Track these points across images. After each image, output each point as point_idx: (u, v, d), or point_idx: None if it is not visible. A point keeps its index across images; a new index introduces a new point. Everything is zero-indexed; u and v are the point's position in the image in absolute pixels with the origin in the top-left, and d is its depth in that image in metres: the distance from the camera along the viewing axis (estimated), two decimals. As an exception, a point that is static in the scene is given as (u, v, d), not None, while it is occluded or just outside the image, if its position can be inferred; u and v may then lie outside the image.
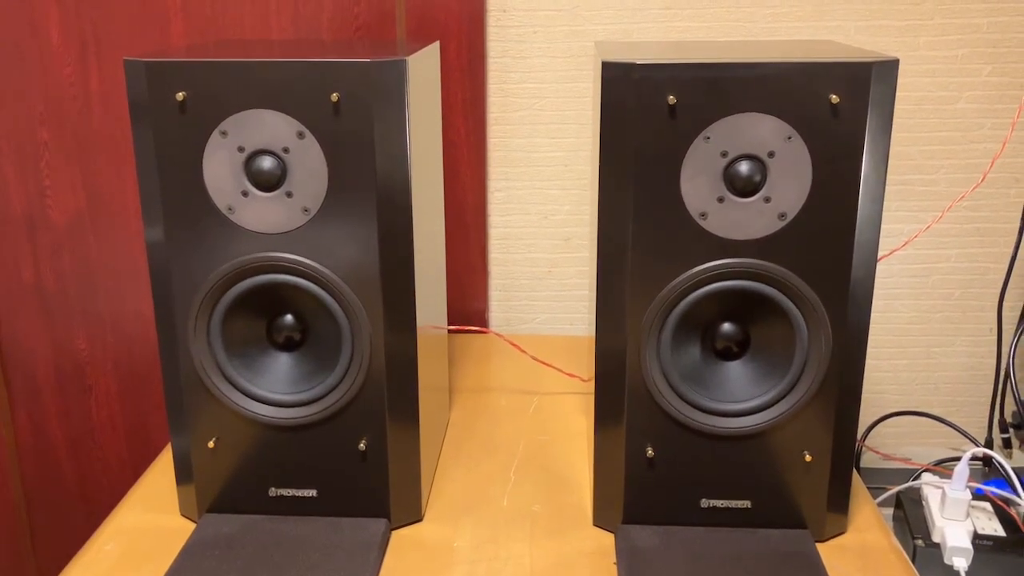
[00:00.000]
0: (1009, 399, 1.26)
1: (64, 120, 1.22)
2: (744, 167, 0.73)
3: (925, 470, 1.17)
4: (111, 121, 1.22)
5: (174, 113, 0.74)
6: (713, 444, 0.80)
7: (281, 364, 0.82)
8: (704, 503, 0.82)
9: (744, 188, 0.73)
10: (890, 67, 0.71)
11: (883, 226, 0.76)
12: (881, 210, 0.74)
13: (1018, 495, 1.02)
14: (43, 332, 1.31)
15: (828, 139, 0.72)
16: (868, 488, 0.91)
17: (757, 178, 0.73)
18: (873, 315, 0.78)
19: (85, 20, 1.18)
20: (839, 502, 0.82)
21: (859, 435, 1.26)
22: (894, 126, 0.73)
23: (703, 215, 0.74)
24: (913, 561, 1.01)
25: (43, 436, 1.35)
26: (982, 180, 1.20)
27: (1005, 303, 1.22)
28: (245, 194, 0.76)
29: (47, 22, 1.18)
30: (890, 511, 1.12)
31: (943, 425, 1.26)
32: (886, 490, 1.11)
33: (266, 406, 0.81)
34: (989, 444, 1.27)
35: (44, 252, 1.27)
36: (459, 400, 1.10)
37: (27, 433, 1.35)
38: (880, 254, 0.76)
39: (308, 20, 1.18)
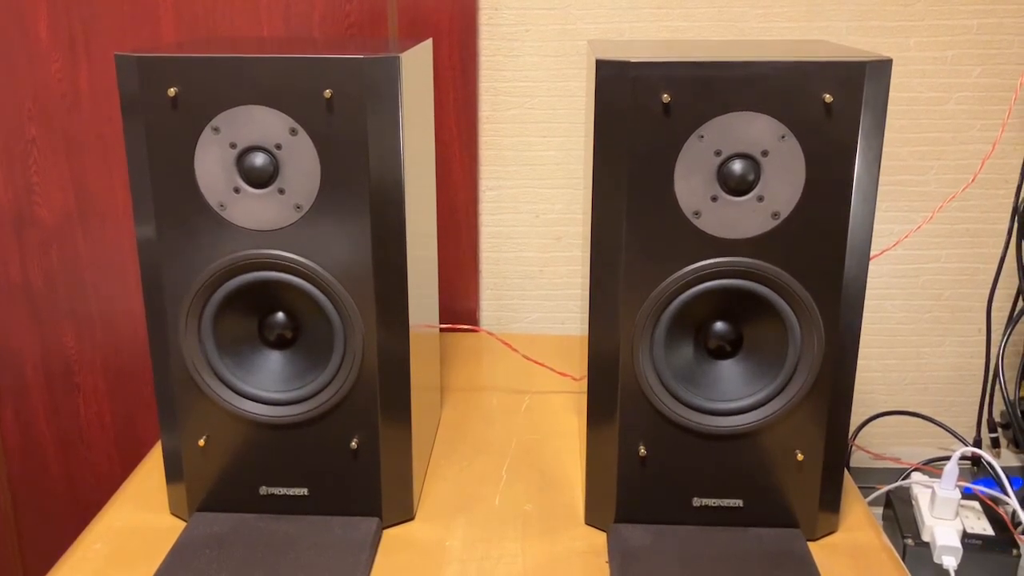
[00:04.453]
0: (998, 399, 1.27)
1: (52, 117, 1.21)
2: (738, 166, 0.73)
3: (914, 469, 1.17)
4: (100, 118, 1.21)
5: (166, 109, 0.73)
6: (706, 443, 0.80)
7: (273, 362, 0.81)
8: (696, 502, 0.82)
9: (738, 187, 0.73)
10: (883, 67, 0.71)
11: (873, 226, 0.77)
12: (874, 210, 0.75)
13: (1007, 494, 1.02)
14: (31, 330, 1.30)
15: (822, 138, 0.72)
16: (858, 487, 0.91)
17: (751, 177, 0.73)
18: (863, 315, 0.78)
19: (74, 16, 1.17)
20: (831, 501, 0.82)
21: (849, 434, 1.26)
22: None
23: (697, 214, 0.74)
24: (903, 560, 1.01)
25: (31, 435, 1.34)
26: (972, 181, 1.20)
27: (994, 303, 1.22)
28: (237, 191, 0.75)
29: (35, 18, 1.17)
30: (879, 510, 1.13)
31: (932, 425, 1.26)
32: (875, 489, 1.11)
33: (257, 404, 0.80)
34: (978, 444, 1.27)
35: (32, 250, 1.26)
36: (450, 399, 1.10)
37: (14, 432, 1.34)
38: (871, 254, 0.77)
39: (299, 18, 1.17)
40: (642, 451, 0.80)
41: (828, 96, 0.71)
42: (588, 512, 0.85)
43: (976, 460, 1.21)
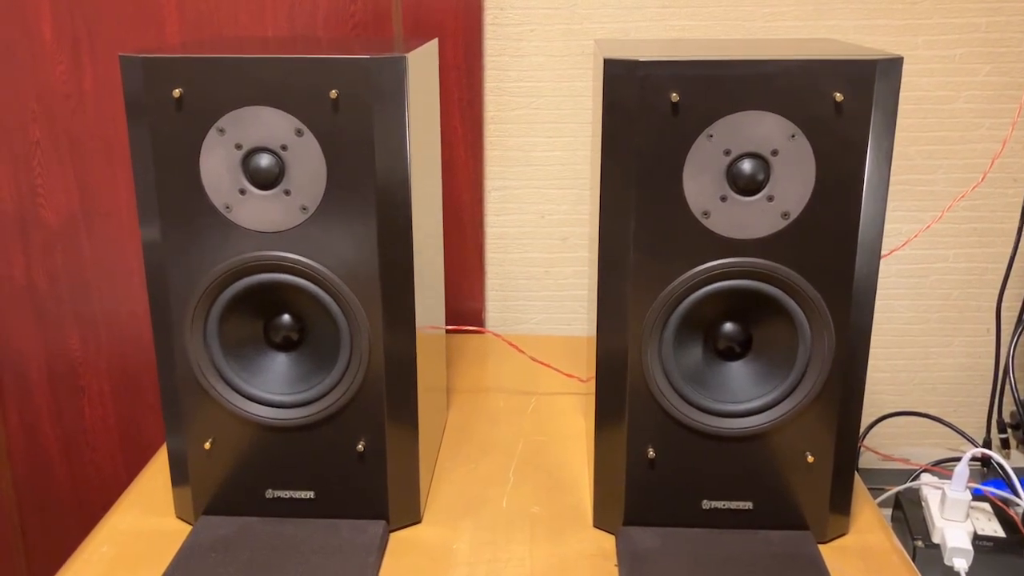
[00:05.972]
0: (1007, 399, 1.26)
1: (57, 119, 1.21)
2: (747, 165, 0.72)
3: (924, 470, 1.17)
4: (104, 120, 1.21)
5: (171, 110, 0.73)
6: (715, 445, 0.80)
7: (279, 364, 0.81)
8: (706, 504, 0.82)
9: (747, 187, 0.73)
10: (894, 65, 0.70)
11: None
12: (884, 209, 0.74)
13: (1017, 496, 1.01)
14: (35, 333, 1.29)
15: (832, 137, 0.72)
16: (867, 489, 0.90)
17: (760, 176, 0.73)
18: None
19: (78, 17, 1.17)
20: (841, 503, 0.82)
21: (857, 436, 1.25)
22: (893, 126, 0.73)
23: (706, 214, 0.74)
24: (913, 562, 1.00)
25: (35, 438, 1.34)
26: (981, 180, 1.20)
27: (1003, 303, 1.21)
28: (243, 192, 0.75)
29: (39, 20, 1.17)
30: (889, 512, 1.12)
31: (941, 425, 1.25)
32: (885, 491, 1.10)
33: (263, 407, 0.80)
34: (987, 444, 1.27)
35: (36, 252, 1.26)
36: (456, 400, 1.09)
37: (18, 434, 1.33)
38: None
39: (304, 18, 1.17)
40: (651, 453, 0.80)
41: (839, 95, 0.70)
42: (596, 515, 0.84)
43: (986, 461, 1.20)
